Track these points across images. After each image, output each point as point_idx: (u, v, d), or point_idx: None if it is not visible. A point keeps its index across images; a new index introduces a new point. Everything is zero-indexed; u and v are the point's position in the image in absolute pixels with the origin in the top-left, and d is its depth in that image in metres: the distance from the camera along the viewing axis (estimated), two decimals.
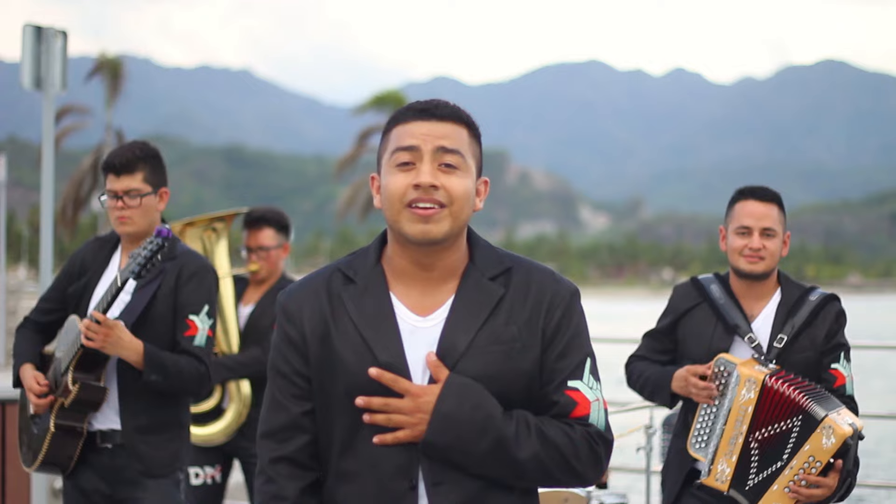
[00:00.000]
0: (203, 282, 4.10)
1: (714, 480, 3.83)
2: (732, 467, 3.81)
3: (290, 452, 2.37)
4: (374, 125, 46.38)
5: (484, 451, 2.28)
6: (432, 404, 2.28)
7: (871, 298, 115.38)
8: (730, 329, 3.95)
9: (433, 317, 2.36)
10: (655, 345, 4.17)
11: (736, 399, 3.81)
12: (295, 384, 2.39)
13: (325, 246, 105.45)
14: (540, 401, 2.37)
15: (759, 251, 3.92)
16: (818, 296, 4.00)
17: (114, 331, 3.86)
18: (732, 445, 3.81)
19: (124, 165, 4.07)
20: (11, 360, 4.66)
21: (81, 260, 4.21)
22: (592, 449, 2.35)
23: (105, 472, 4.06)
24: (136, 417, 4.03)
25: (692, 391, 3.89)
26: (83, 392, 3.96)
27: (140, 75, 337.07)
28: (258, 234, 5.52)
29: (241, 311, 5.52)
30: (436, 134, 2.32)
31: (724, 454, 3.83)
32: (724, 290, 4.03)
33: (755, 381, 3.78)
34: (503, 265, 2.40)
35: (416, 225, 2.30)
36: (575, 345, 2.38)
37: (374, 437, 2.31)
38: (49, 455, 4.04)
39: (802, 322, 3.93)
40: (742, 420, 3.80)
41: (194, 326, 4.06)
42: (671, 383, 3.98)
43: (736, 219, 3.98)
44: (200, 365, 4.04)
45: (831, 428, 3.68)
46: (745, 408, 3.79)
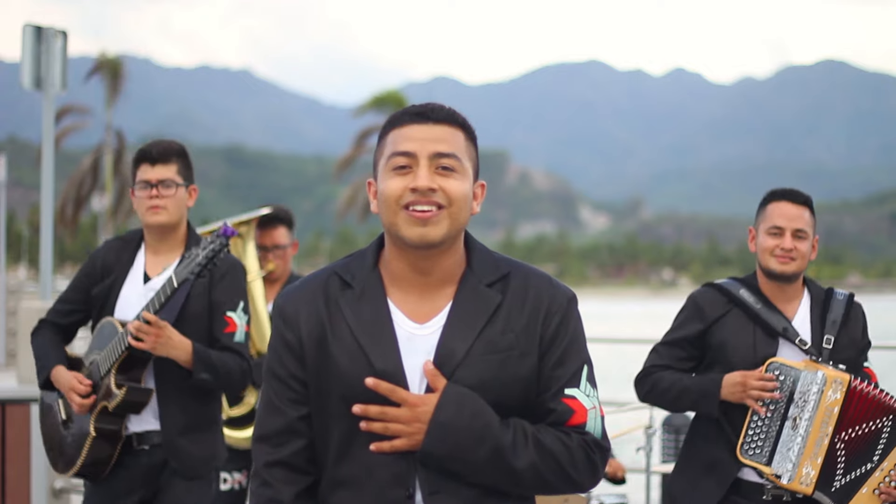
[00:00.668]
0: (235, 279, 4.12)
1: (798, 484, 3.80)
2: (818, 469, 3.79)
3: (286, 456, 2.36)
4: (374, 125, 46.42)
5: (481, 460, 2.28)
6: (430, 414, 2.27)
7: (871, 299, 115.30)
8: (772, 333, 3.93)
9: (430, 324, 2.35)
10: (679, 353, 4.08)
11: (822, 401, 3.78)
12: (291, 388, 2.37)
13: (325, 246, 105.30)
14: (537, 408, 2.36)
15: (791, 252, 3.92)
16: (844, 294, 4.04)
17: (164, 331, 3.86)
18: (818, 447, 3.79)
19: (161, 155, 4.09)
20: (11, 360, 4.64)
21: (103, 260, 4.18)
22: (589, 457, 2.35)
23: (141, 474, 4.05)
24: (176, 417, 4.03)
25: (752, 394, 3.84)
26: (130, 395, 3.96)
27: (140, 75, 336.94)
28: (273, 232, 5.54)
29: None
30: (432, 138, 2.31)
31: (810, 457, 3.79)
32: (755, 294, 4.00)
33: (842, 382, 3.79)
34: (500, 271, 2.39)
35: (414, 228, 2.29)
36: (572, 352, 2.38)
37: (371, 445, 2.30)
38: (89, 459, 4.01)
39: (841, 320, 3.95)
40: (828, 421, 3.78)
41: (233, 323, 4.08)
42: (720, 390, 3.90)
43: (768, 219, 3.98)
44: (243, 361, 4.07)
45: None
46: (832, 409, 3.78)
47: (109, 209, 43.85)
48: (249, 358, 4.11)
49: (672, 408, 4.15)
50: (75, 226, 48.29)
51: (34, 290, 23.28)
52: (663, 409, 4.27)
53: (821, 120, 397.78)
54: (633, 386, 4.20)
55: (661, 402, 4.11)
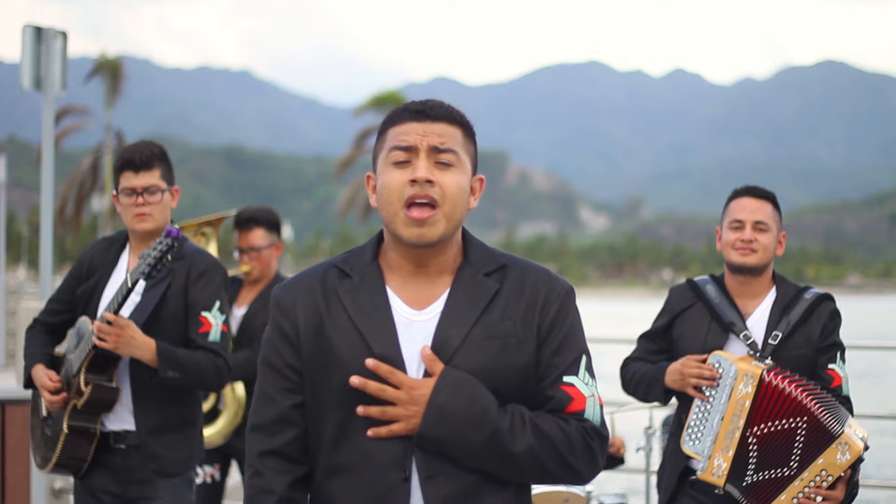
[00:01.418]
0: (213, 279, 4.12)
1: (710, 475, 3.84)
2: (729, 462, 3.81)
3: (279, 446, 2.37)
4: (374, 125, 46.40)
5: (479, 444, 2.28)
6: (427, 397, 2.28)
7: (870, 299, 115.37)
8: (725, 327, 3.97)
9: (428, 310, 2.38)
10: (651, 346, 4.20)
11: (733, 394, 3.82)
12: (286, 377, 2.39)
13: (326, 246, 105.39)
14: (535, 396, 2.37)
15: (751, 243, 3.96)
16: (813, 294, 4.02)
17: (126, 330, 3.87)
18: (729, 440, 3.81)
19: (144, 162, 4.08)
20: (11, 360, 4.67)
21: (90, 261, 4.21)
22: (587, 444, 2.35)
23: (118, 473, 4.06)
24: (150, 417, 4.04)
25: (688, 380, 3.91)
26: (96, 393, 3.97)
27: (140, 76, 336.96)
28: (248, 234, 5.49)
29: (235, 312, 5.49)
30: (430, 133, 2.35)
31: (721, 449, 3.82)
32: (720, 290, 4.05)
33: (753, 375, 3.80)
34: (498, 262, 2.43)
35: (412, 229, 2.32)
36: (570, 341, 2.39)
37: (368, 431, 2.30)
38: (63, 456, 4.04)
39: (797, 319, 3.94)
40: (739, 414, 3.80)
41: (208, 323, 4.08)
42: (664, 377, 4.01)
43: (730, 214, 4.04)
44: (218, 358, 4.06)
45: (847, 444, 3.70)
46: (743, 402, 3.80)
47: (109, 209, 43.84)
48: (226, 355, 4.10)
49: (637, 396, 4.22)
50: (75, 226, 48.28)
51: (34, 291, 23.29)
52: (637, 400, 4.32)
53: (820, 120, 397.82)
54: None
55: (629, 391, 4.23)
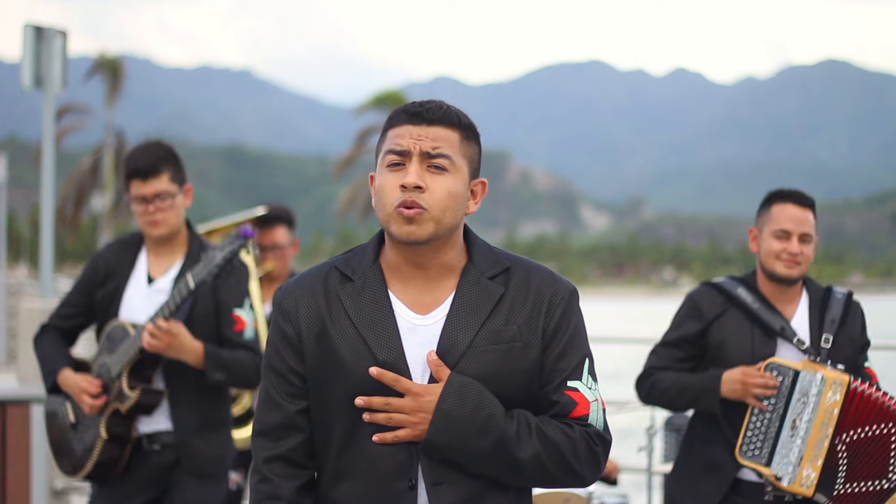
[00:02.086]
0: (240, 278, 4.13)
1: (799, 486, 3.77)
2: (818, 472, 3.75)
3: (285, 451, 2.36)
4: (375, 125, 46.40)
5: (485, 450, 2.28)
6: (434, 403, 2.27)
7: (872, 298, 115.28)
8: (771, 333, 3.90)
9: (432, 315, 2.36)
10: (678, 353, 4.05)
11: (822, 402, 3.74)
12: (290, 382, 2.38)
13: (327, 246, 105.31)
14: (539, 400, 2.37)
15: (797, 256, 3.88)
16: (842, 293, 3.98)
17: (178, 335, 3.86)
18: (818, 449, 3.75)
19: (150, 170, 4.04)
20: (11, 360, 4.65)
21: (105, 264, 4.16)
22: (591, 449, 2.35)
23: (150, 475, 4.05)
24: (188, 417, 4.04)
25: (752, 390, 3.81)
26: (143, 397, 3.96)
27: (140, 75, 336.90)
28: (272, 232, 5.52)
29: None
30: (424, 137, 2.34)
31: (810, 459, 3.76)
32: (755, 295, 3.96)
33: (841, 383, 3.74)
34: (502, 265, 2.41)
35: (402, 227, 2.32)
36: (574, 345, 2.38)
37: (373, 436, 2.30)
38: (100, 462, 4.01)
39: (839, 320, 3.91)
40: (828, 423, 3.74)
41: (241, 321, 4.08)
42: (721, 386, 3.87)
43: (774, 221, 3.92)
44: (256, 356, 4.07)
45: None
46: (832, 410, 3.74)
47: (109, 209, 43.81)
48: (260, 353, 4.11)
49: (672, 407, 4.13)
50: (75, 225, 48.27)
51: (34, 291, 23.26)
52: (664, 409, 4.25)
53: (822, 120, 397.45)
54: (635, 388, 4.18)
55: (662, 402, 4.09)
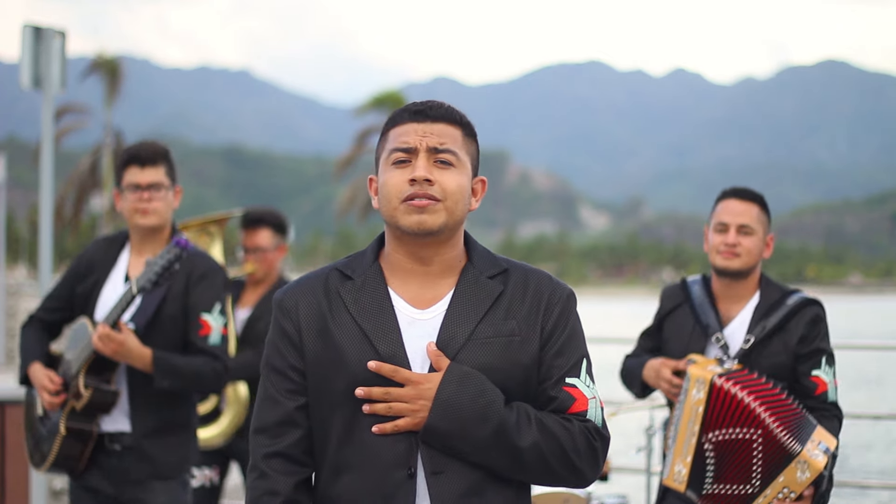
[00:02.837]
0: (213, 282, 4.11)
1: (673, 481, 3.85)
2: (688, 468, 3.81)
3: (284, 448, 2.37)
4: (374, 125, 46.38)
5: (485, 437, 2.29)
6: (434, 391, 2.30)
7: (872, 299, 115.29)
8: (705, 330, 3.95)
9: (432, 310, 2.39)
10: (646, 343, 4.23)
11: (688, 399, 3.81)
12: (289, 379, 2.40)
13: (326, 246, 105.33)
14: (538, 396, 2.39)
15: (735, 247, 3.91)
16: (797, 299, 3.93)
17: (123, 342, 3.87)
18: (686, 446, 3.81)
19: (150, 158, 4.09)
20: (10, 360, 4.68)
21: (89, 259, 4.20)
22: (590, 444, 2.36)
23: (113, 474, 4.06)
24: (146, 419, 4.04)
25: (662, 385, 3.96)
26: (95, 396, 3.97)
27: (139, 75, 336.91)
28: (255, 234, 5.46)
29: (239, 314, 5.45)
30: (430, 134, 2.38)
31: (680, 455, 3.83)
32: (704, 291, 4.03)
33: (704, 381, 3.78)
34: (500, 266, 2.45)
35: (412, 216, 2.34)
36: (572, 344, 2.41)
37: (373, 427, 2.32)
38: (60, 457, 4.04)
39: (774, 325, 3.87)
40: (694, 420, 3.79)
41: (207, 325, 4.07)
42: (643, 372, 4.05)
43: (716, 216, 4.01)
44: (217, 362, 4.06)
45: (806, 463, 3.67)
46: (696, 408, 3.79)
47: (108, 209, 43.81)
48: (225, 358, 4.10)
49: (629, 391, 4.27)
50: (74, 226, 48.25)
51: (34, 291, 23.27)
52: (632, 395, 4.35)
53: (821, 120, 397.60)
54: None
55: (625, 386, 4.28)
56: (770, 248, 4.02)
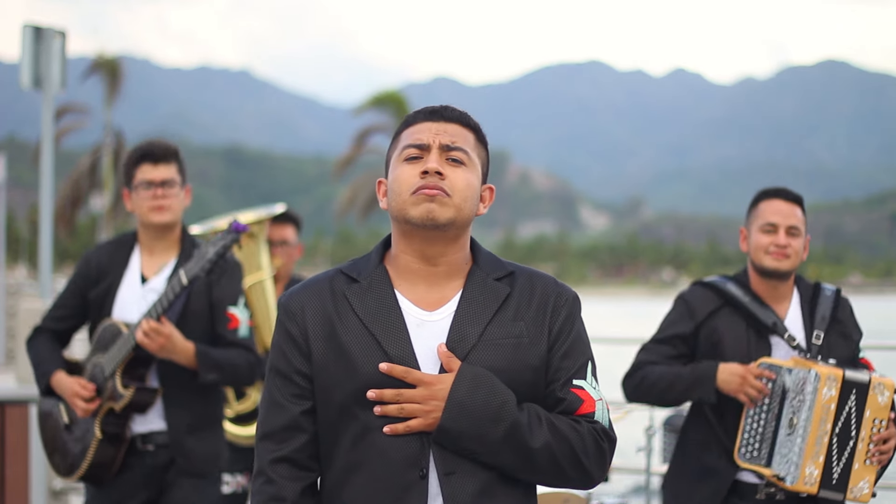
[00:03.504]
0: (234, 276, 4.15)
1: (803, 485, 3.78)
2: (821, 468, 3.77)
3: (290, 453, 2.37)
4: (374, 125, 46.33)
5: (498, 438, 2.30)
6: (446, 392, 2.30)
7: (871, 299, 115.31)
8: (764, 332, 3.91)
9: (440, 311, 2.40)
10: (669, 351, 4.05)
11: (817, 399, 3.76)
12: (295, 383, 2.39)
13: (326, 246, 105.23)
14: (545, 398, 2.41)
15: (786, 248, 3.91)
16: (831, 291, 4.02)
17: (171, 337, 3.87)
18: (819, 446, 3.77)
19: (163, 155, 4.11)
20: (10, 361, 4.67)
21: (97, 264, 4.16)
22: (599, 445, 2.39)
23: (144, 475, 4.05)
24: (182, 416, 4.05)
25: (749, 391, 3.82)
26: (137, 395, 3.97)
27: (139, 75, 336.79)
28: (282, 228, 5.57)
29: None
30: (443, 132, 2.41)
31: (811, 456, 3.77)
32: (747, 293, 3.98)
33: (836, 378, 3.77)
34: (506, 269, 2.47)
35: (422, 205, 2.35)
36: (578, 347, 2.44)
37: (384, 428, 2.31)
38: (94, 463, 4.00)
39: (829, 315, 3.94)
40: (826, 419, 3.77)
41: (235, 319, 4.09)
42: (718, 374, 3.87)
43: (761, 216, 3.96)
44: (250, 355, 4.09)
45: (882, 384, 3.75)
46: (829, 405, 3.77)
47: (108, 209, 43.79)
48: (255, 351, 4.14)
49: (661, 399, 4.06)
50: (73, 226, 48.22)
51: (33, 292, 23.24)
52: (651, 405, 4.22)
53: (821, 120, 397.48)
54: (621, 384, 4.15)
55: (650, 395, 4.05)
56: (807, 249, 4.04)
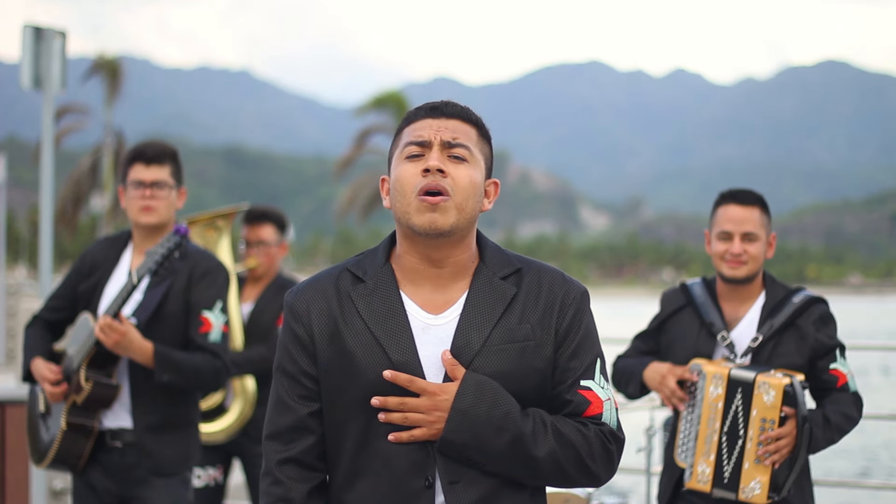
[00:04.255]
0: (215, 279, 4.14)
1: (697, 482, 3.83)
2: (712, 466, 3.80)
3: (297, 454, 2.36)
4: (374, 125, 46.32)
5: (502, 448, 2.28)
6: (450, 402, 2.28)
7: (872, 299, 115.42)
8: (712, 332, 3.93)
9: (445, 315, 2.37)
10: (641, 345, 4.18)
11: (706, 397, 3.80)
12: (302, 384, 2.38)
13: (326, 246, 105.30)
14: (553, 400, 2.38)
15: (741, 256, 3.90)
16: (802, 298, 3.92)
17: (126, 334, 3.88)
18: (709, 444, 3.81)
19: (156, 156, 4.13)
20: (11, 360, 4.70)
21: (91, 258, 4.23)
22: (606, 448, 2.36)
23: (114, 471, 4.06)
24: (148, 415, 4.04)
25: (664, 391, 3.92)
26: (96, 389, 3.98)
27: (139, 75, 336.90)
28: (259, 228, 5.55)
29: (241, 308, 5.50)
30: (444, 129, 2.38)
31: (703, 454, 3.82)
32: (707, 293, 4.01)
33: (721, 376, 3.78)
34: (513, 266, 2.42)
35: (424, 214, 2.31)
36: (586, 345, 2.40)
37: (389, 436, 2.30)
38: (60, 453, 4.04)
39: (782, 323, 3.87)
40: (714, 417, 3.79)
41: (208, 323, 4.09)
42: (644, 372, 4.00)
43: (718, 223, 3.97)
44: (216, 360, 4.07)
45: (766, 384, 3.69)
46: (716, 404, 3.80)
47: (109, 209, 43.81)
48: (225, 357, 4.12)
49: (623, 391, 4.20)
50: (74, 226, 48.23)
51: (34, 291, 23.25)
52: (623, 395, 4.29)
53: (821, 120, 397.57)
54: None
55: (618, 387, 4.20)
56: (773, 248, 4.01)
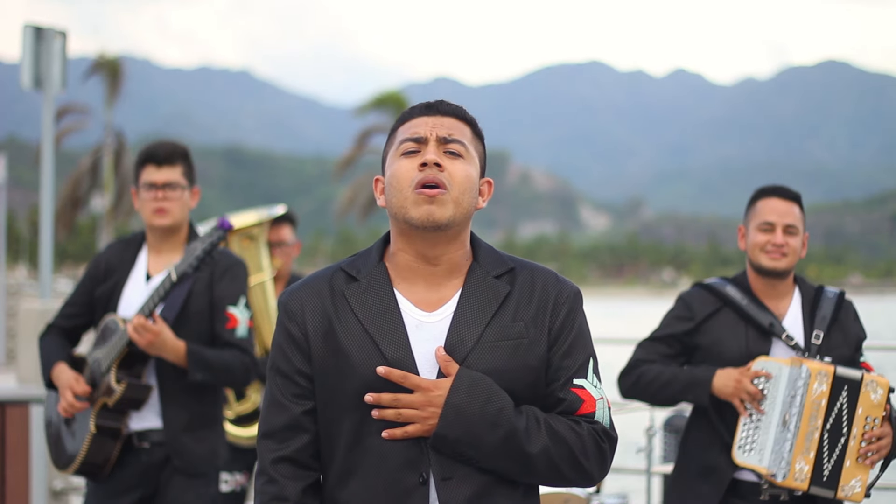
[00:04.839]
0: (237, 275, 4.14)
1: (793, 481, 3.78)
2: (811, 464, 3.78)
3: (292, 452, 2.37)
4: (374, 126, 46.39)
5: (495, 444, 2.29)
6: (443, 398, 2.29)
7: (872, 299, 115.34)
8: (764, 330, 3.91)
9: (439, 312, 2.38)
10: (665, 350, 4.06)
11: (808, 394, 3.78)
12: (296, 383, 2.39)
13: (326, 246, 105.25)
14: (546, 398, 2.39)
15: (783, 247, 3.91)
16: (835, 292, 4.01)
17: (160, 335, 3.88)
18: (809, 442, 3.79)
19: (167, 157, 4.11)
20: (12, 359, 4.69)
21: (106, 262, 4.20)
22: (599, 446, 2.37)
23: (140, 472, 4.05)
24: (179, 415, 4.05)
25: (743, 395, 3.83)
26: (129, 391, 3.97)
27: (139, 75, 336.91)
28: (280, 229, 5.61)
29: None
30: (439, 125, 2.40)
31: (801, 452, 3.78)
32: (745, 293, 3.98)
33: (827, 373, 3.78)
34: (507, 265, 2.44)
35: (422, 206, 2.33)
36: (579, 344, 2.41)
37: (383, 432, 2.31)
38: (89, 456, 4.01)
39: (831, 316, 3.93)
40: (816, 414, 3.79)
41: (234, 318, 4.09)
42: (713, 380, 3.88)
43: (759, 215, 3.97)
44: (245, 356, 4.08)
45: (874, 382, 3.75)
46: (819, 401, 3.79)
47: (109, 209, 43.82)
48: (252, 352, 4.13)
49: (655, 398, 4.07)
50: (74, 226, 48.23)
51: (33, 292, 23.25)
52: (645, 402, 4.21)
53: (822, 120, 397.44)
54: (617, 380, 4.15)
55: (646, 394, 4.06)
56: (806, 247, 4.04)
